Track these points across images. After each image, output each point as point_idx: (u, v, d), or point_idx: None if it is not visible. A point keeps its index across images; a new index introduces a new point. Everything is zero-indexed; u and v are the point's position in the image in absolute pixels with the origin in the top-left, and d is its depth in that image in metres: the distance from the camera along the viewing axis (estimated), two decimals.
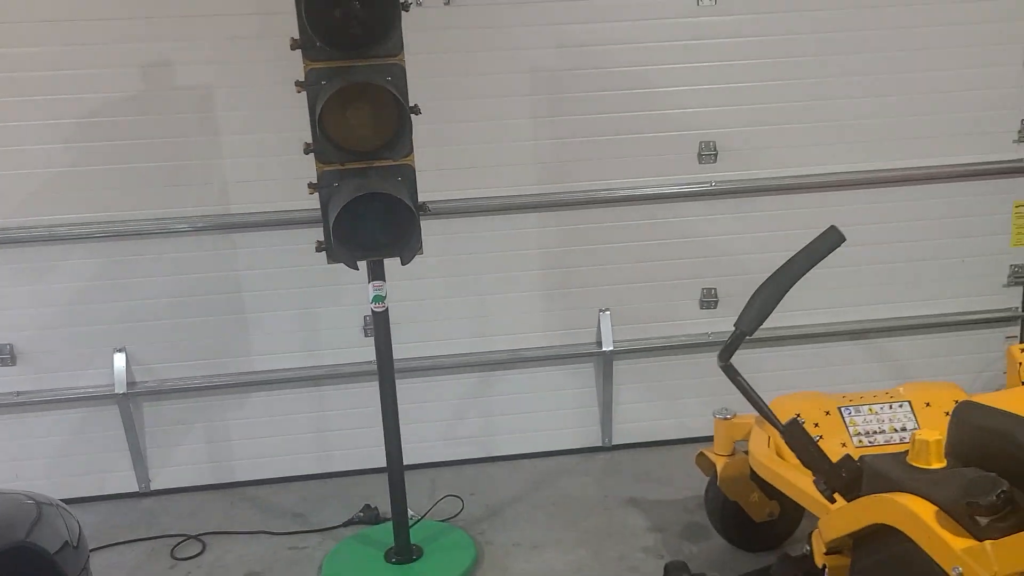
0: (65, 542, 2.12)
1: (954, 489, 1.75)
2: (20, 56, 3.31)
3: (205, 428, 3.74)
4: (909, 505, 1.80)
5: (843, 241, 2.34)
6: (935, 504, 1.78)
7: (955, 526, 1.72)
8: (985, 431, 1.88)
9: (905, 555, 1.83)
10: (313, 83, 2.68)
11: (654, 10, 3.58)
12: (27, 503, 2.14)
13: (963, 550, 1.65)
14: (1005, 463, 1.79)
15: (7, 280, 3.48)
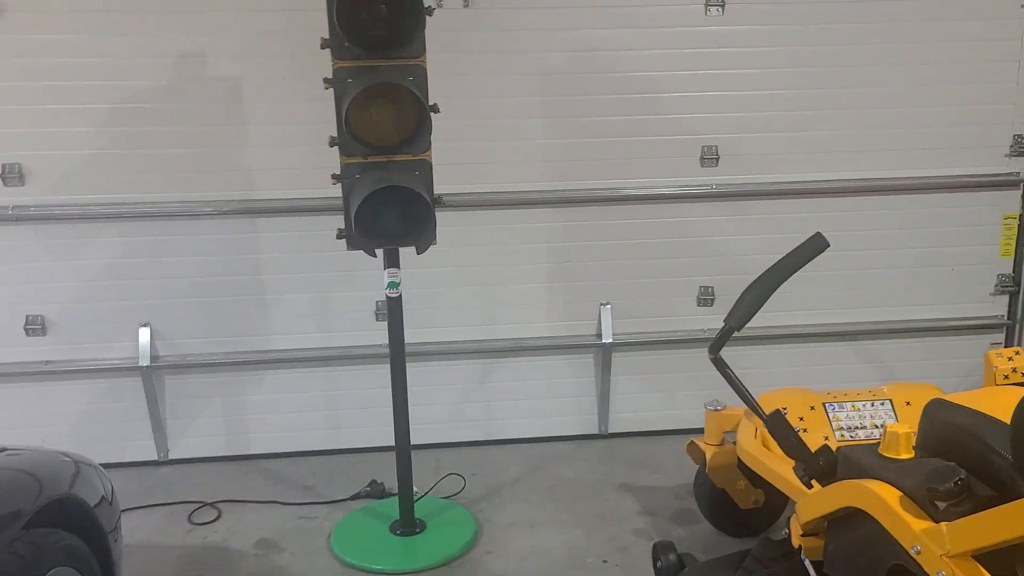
0: (102, 497, 2.30)
1: (918, 477, 1.92)
2: (61, 43, 3.49)
3: (223, 402, 3.92)
4: (877, 490, 1.98)
5: (827, 247, 2.51)
6: (900, 490, 1.96)
7: (917, 510, 1.90)
8: (950, 426, 2.06)
9: (872, 536, 2.01)
10: (340, 81, 2.85)
11: (663, 19, 3.75)
12: (65, 460, 2.30)
13: (922, 531, 1.83)
14: (966, 456, 1.96)
15: (41, 255, 3.66)
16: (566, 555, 3.18)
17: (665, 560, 2.80)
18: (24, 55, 3.47)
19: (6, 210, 3.58)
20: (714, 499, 3.22)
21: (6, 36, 3.44)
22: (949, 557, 1.76)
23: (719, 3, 3.74)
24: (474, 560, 3.16)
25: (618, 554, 3.19)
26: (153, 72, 3.55)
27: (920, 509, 1.89)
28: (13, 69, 3.48)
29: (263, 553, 3.23)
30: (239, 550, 3.26)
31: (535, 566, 3.11)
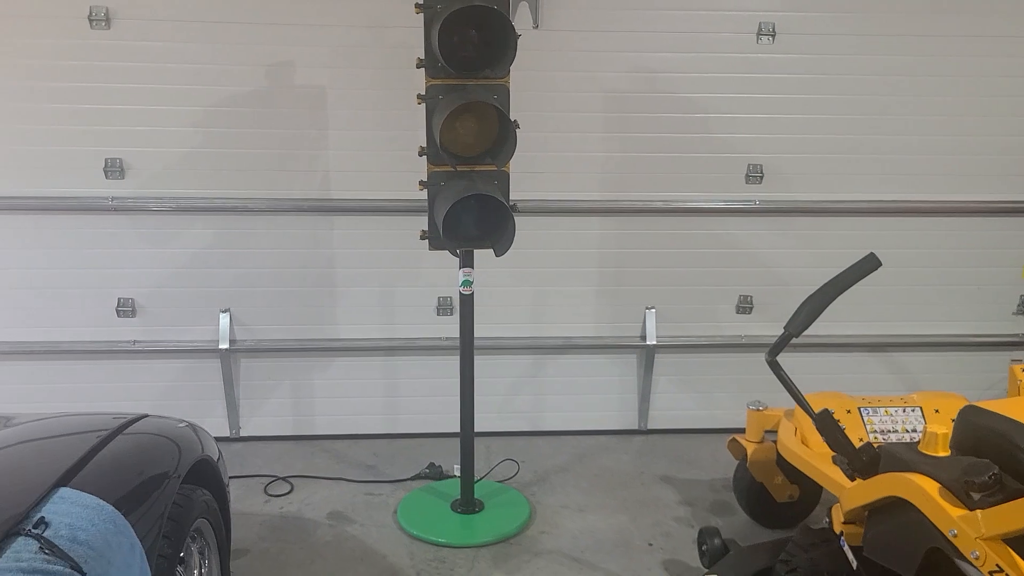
0: (220, 454, 2.59)
1: (955, 471, 2.20)
2: (164, 50, 3.78)
3: (292, 385, 4.21)
4: (918, 482, 2.25)
5: (879, 266, 2.79)
6: (939, 482, 2.23)
7: (954, 499, 2.17)
8: (984, 429, 2.33)
9: (912, 522, 2.28)
10: (432, 97, 3.13)
11: (717, 45, 4.02)
12: (181, 425, 2.54)
13: (959, 517, 2.10)
14: (998, 455, 2.23)
15: (135, 242, 3.96)
16: (614, 537, 3.46)
17: (710, 544, 3.07)
18: (130, 60, 3.77)
19: (106, 201, 3.88)
20: (752, 492, 3.49)
21: (116, 42, 3.74)
22: (983, 540, 2.03)
23: (770, 33, 4.01)
24: (530, 538, 3.45)
25: (662, 538, 3.46)
26: (246, 78, 3.84)
27: (957, 499, 2.16)
28: (120, 72, 3.77)
29: (336, 524, 3.52)
30: (313, 520, 3.55)
31: (586, 545, 3.39)
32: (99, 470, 1.97)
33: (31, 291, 3.97)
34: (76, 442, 2.06)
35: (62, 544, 1.66)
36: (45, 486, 1.82)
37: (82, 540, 1.70)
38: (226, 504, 2.58)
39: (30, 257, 3.93)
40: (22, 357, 4.03)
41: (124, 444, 2.15)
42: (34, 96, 3.77)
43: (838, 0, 3.99)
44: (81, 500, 1.81)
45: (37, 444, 2.12)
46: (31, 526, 1.68)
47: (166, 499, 2.09)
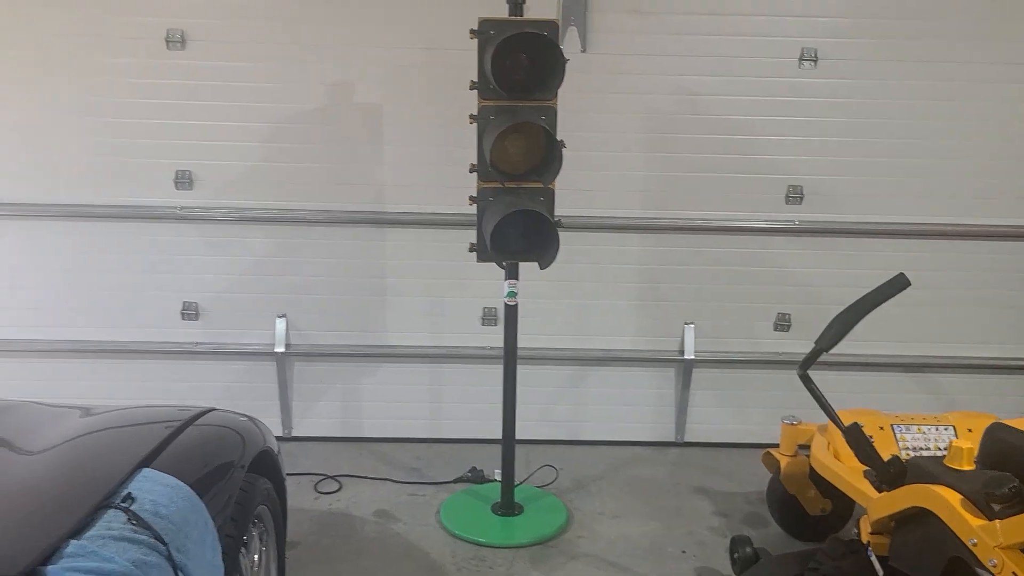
0: (279, 447, 2.77)
1: (977, 483, 2.30)
2: (233, 69, 4.02)
3: (342, 389, 4.41)
4: (942, 493, 2.35)
5: (908, 285, 2.89)
6: (962, 494, 2.33)
7: (975, 510, 2.27)
8: (1007, 445, 2.42)
9: (935, 532, 2.38)
10: (483, 117, 3.31)
11: (759, 69, 4.14)
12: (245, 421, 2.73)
13: (979, 526, 2.20)
14: (1020, 470, 2.32)
15: (200, 249, 4.19)
16: (648, 544, 3.58)
17: (742, 552, 3.18)
18: (202, 79, 4.01)
19: (175, 210, 4.13)
20: (785, 504, 3.58)
21: (189, 62, 4.00)
22: (1001, 548, 2.13)
23: (812, 58, 4.12)
24: (567, 542, 3.58)
25: (695, 547, 3.57)
26: (309, 96, 4.06)
27: (978, 510, 2.26)
28: (193, 90, 4.02)
29: (382, 521, 3.69)
30: (360, 517, 3.72)
31: (621, 550, 3.51)
32: (175, 455, 2.16)
33: (105, 293, 4.23)
34: (154, 430, 2.26)
35: (146, 517, 1.85)
36: (130, 466, 2.01)
37: (163, 514, 1.89)
38: (284, 494, 2.76)
39: (105, 261, 4.19)
40: (95, 355, 4.28)
41: (196, 433, 2.33)
42: (112, 111, 4.04)
43: (880, 27, 4.09)
44: (162, 480, 2.00)
45: (120, 431, 2.31)
46: (120, 500, 1.87)
47: (233, 485, 2.27)
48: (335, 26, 4.00)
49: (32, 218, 4.14)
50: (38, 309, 4.23)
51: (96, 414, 2.41)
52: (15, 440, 2.18)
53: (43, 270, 4.19)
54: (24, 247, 4.17)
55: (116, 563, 1.68)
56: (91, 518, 1.80)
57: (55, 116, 4.04)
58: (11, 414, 2.38)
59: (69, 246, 4.17)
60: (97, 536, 1.74)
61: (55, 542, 1.68)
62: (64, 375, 4.27)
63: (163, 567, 1.79)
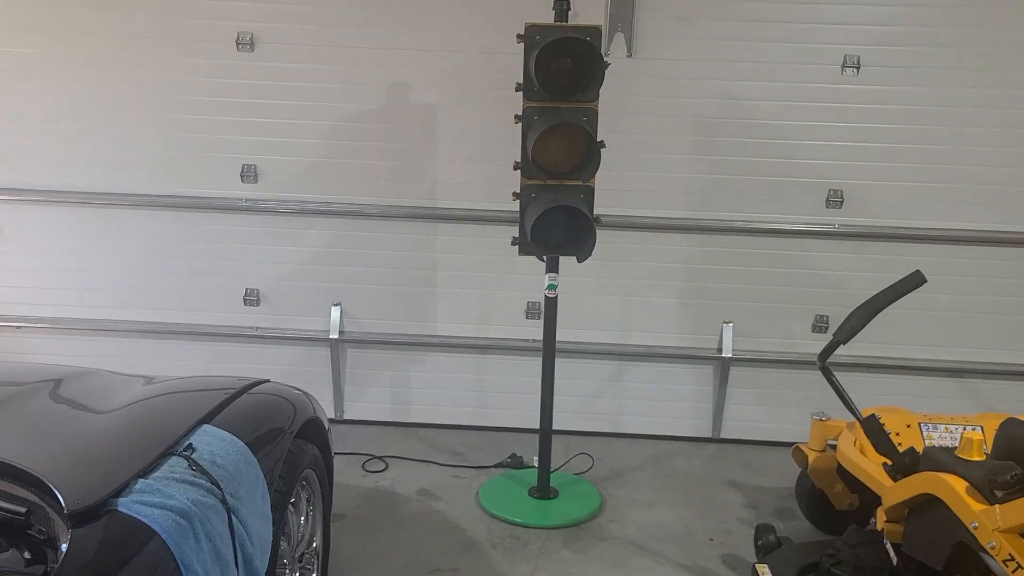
0: (330, 424, 3.00)
1: (983, 471, 2.40)
2: (298, 70, 4.29)
3: (392, 375, 4.64)
4: (948, 480, 2.46)
5: (924, 283, 2.98)
6: (968, 481, 2.43)
7: (979, 496, 2.37)
8: (1016, 437, 2.51)
9: (942, 518, 2.48)
10: (527, 118, 3.49)
11: (801, 75, 4.24)
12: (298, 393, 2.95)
13: (980, 511, 2.30)
14: None
15: (263, 240, 4.47)
16: (678, 530, 3.71)
17: (765, 539, 3.31)
18: (269, 79, 4.30)
19: (241, 201, 4.42)
20: (813, 498, 3.67)
21: (258, 63, 4.28)
22: (1000, 532, 2.22)
23: (855, 65, 4.21)
24: (599, 525, 3.73)
25: (723, 535, 3.69)
26: (368, 97, 4.31)
27: (982, 496, 2.36)
28: (260, 89, 4.31)
29: (424, 499, 3.90)
30: (404, 495, 3.93)
31: (651, 535, 3.66)
32: (232, 416, 2.39)
33: (174, 278, 4.54)
34: (214, 394, 2.50)
35: (204, 464, 2.08)
36: (192, 422, 2.25)
37: (220, 464, 2.12)
38: (330, 461, 2.99)
39: (175, 248, 4.50)
40: (161, 336, 4.60)
41: (251, 399, 2.57)
42: (186, 108, 4.34)
43: (922, 36, 4.16)
44: (219, 435, 2.23)
45: (184, 394, 2.56)
46: (182, 449, 2.11)
47: (283, 446, 2.50)
48: (394, 31, 4.24)
49: (114, 207, 4.47)
50: (115, 291, 4.56)
51: (164, 381, 2.66)
52: (95, 399, 2.45)
53: (121, 255, 4.52)
54: (104, 233, 4.50)
55: (177, 500, 1.91)
56: (157, 463, 2.04)
57: (135, 112, 4.37)
58: (91, 378, 2.65)
59: (145, 233, 4.49)
60: (162, 477, 1.98)
61: (126, 480, 1.92)
62: (136, 353, 4.58)
63: (218, 508, 2.01)
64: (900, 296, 2.99)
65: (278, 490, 2.41)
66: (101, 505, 1.80)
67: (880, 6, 4.16)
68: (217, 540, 1.97)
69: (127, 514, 1.81)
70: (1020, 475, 2.28)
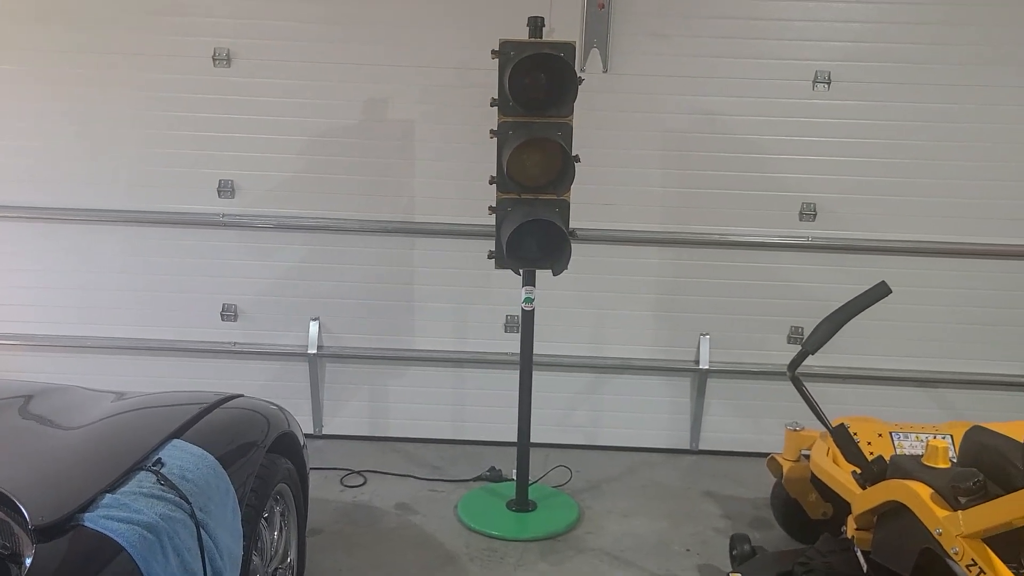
0: (306, 441, 3.00)
1: (946, 478, 2.43)
2: (275, 86, 4.32)
3: (370, 390, 4.64)
4: (914, 487, 2.48)
5: (890, 293, 3.04)
6: (932, 488, 2.46)
7: (943, 503, 2.40)
8: (981, 445, 2.55)
9: (908, 525, 2.51)
10: (503, 132, 3.53)
11: (774, 91, 4.30)
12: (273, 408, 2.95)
13: (944, 517, 2.33)
14: (991, 468, 2.45)
15: (240, 254, 4.48)
16: (654, 541, 3.73)
17: (740, 549, 3.33)
18: (246, 94, 4.32)
19: (218, 216, 4.43)
20: (788, 508, 3.69)
21: (235, 79, 4.31)
22: (963, 537, 2.26)
23: (826, 80, 4.28)
24: (576, 537, 3.74)
25: (699, 545, 3.71)
26: (345, 112, 4.34)
27: (946, 502, 2.39)
28: (237, 105, 4.32)
29: (402, 513, 3.90)
30: (382, 509, 3.93)
31: (628, 545, 3.67)
32: (203, 430, 2.39)
33: (151, 293, 4.53)
34: (186, 409, 2.50)
35: (173, 479, 2.08)
36: (162, 437, 2.25)
37: (189, 478, 2.12)
38: (305, 475, 2.99)
39: (152, 264, 4.50)
40: (138, 353, 4.58)
41: (223, 414, 2.57)
42: (163, 124, 4.36)
43: (892, 52, 4.24)
44: (189, 449, 2.24)
45: (154, 410, 2.56)
46: (151, 464, 2.11)
47: (255, 460, 2.50)
48: (371, 47, 4.28)
49: (90, 223, 4.46)
50: (90, 308, 4.55)
51: (135, 396, 2.66)
52: (64, 415, 2.44)
53: (97, 271, 4.51)
54: (80, 250, 4.49)
55: (144, 514, 1.92)
56: (125, 478, 2.04)
57: (111, 128, 4.37)
58: (62, 395, 2.65)
59: (120, 250, 4.49)
60: (129, 492, 1.98)
61: (93, 495, 1.92)
62: (111, 370, 4.56)
63: (186, 522, 2.02)
64: (866, 307, 3.03)
65: (250, 504, 2.41)
66: (67, 520, 1.80)
67: (849, 23, 4.24)
68: (186, 554, 1.97)
69: (93, 529, 1.81)
70: (982, 481, 2.31)
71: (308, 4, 4.25)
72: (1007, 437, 2.52)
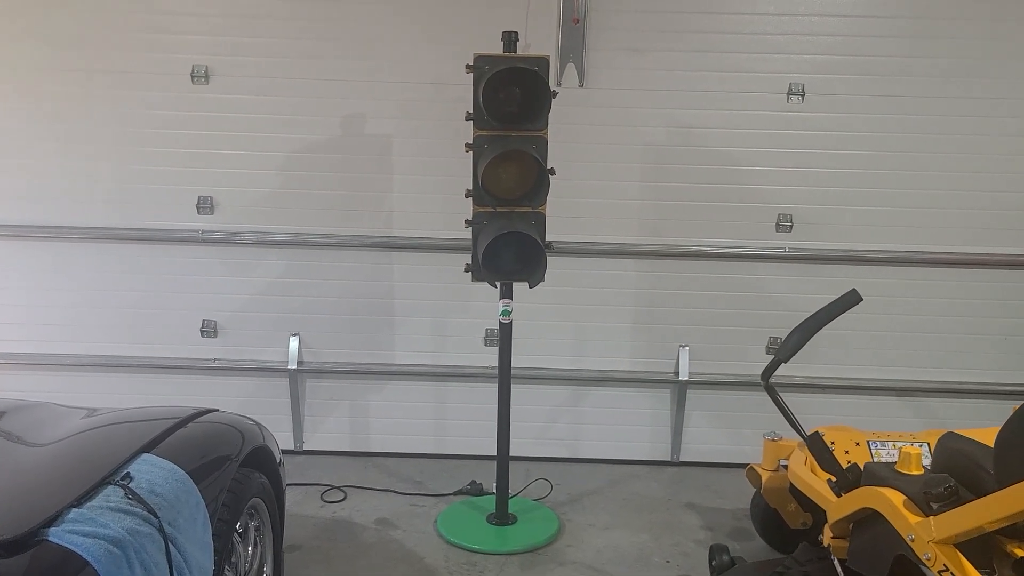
0: (281, 459, 2.99)
1: (920, 485, 2.44)
2: (253, 102, 4.32)
3: (350, 405, 4.63)
4: (887, 494, 2.50)
5: (860, 301, 3.06)
6: (905, 495, 2.47)
7: (916, 509, 2.41)
8: (954, 451, 2.56)
9: (882, 532, 2.52)
10: (478, 146, 3.54)
11: (749, 103, 4.34)
12: (249, 422, 2.94)
13: (916, 523, 2.34)
14: (963, 474, 2.46)
15: (219, 271, 4.47)
16: (635, 553, 3.72)
17: (719, 559, 3.33)
18: (225, 111, 4.32)
19: (197, 233, 4.42)
20: (767, 518, 3.70)
21: (212, 95, 4.31)
22: (935, 543, 2.27)
23: (800, 92, 4.32)
24: (557, 550, 3.73)
25: (679, 557, 3.71)
26: (323, 128, 4.35)
27: (919, 508, 2.40)
28: (215, 121, 4.33)
29: (382, 528, 3.88)
30: (361, 524, 3.91)
31: (608, 559, 3.66)
32: (175, 445, 2.38)
33: (130, 311, 4.51)
34: (158, 424, 2.48)
35: (141, 493, 2.07)
36: (132, 451, 2.24)
37: (158, 492, 2.11)
38: (281, 490, 2.97)
39: (131, 281, 4.48)
40: (117, 370, 4.56)
41: (196, 428, 2.56)
42: (141, 141, 4.36)
43: (865, 64, 4.29)
44: (159, 463, 2.22)
45: (127, 424, 2.55)
46: (119, 478, 2.10)
47: (227, 475, 2.49)
48: (348, 63, 4.30)
49: (68, 240, 4.45)
50: (69, 325, 4.52)
51: (108, 412, 2.65)
52: (34, 431, 2.43)
53: (75, 289, 4.49)
54: (58, 267, 4.48)
55: (111, 529, 1.90)
56: (93, 492, 2.02)
57: (90, 145, 4.37)
58: (33, 411, 2.64)
59: (99, 266, 4.47)
60: (96, 506, 1.97)
61: (59, 510, 1.90)
62: (90, 388, 4.54)
63: (154, 537, 2.00)
64: (837, 315, 3.06)
65: (222, 519, 2.39)
66: (31, 535, 1.79)
67: (822, 36, 4.29)
68: (153, 569, 1.96)
69: (58, 544, 1.80)
70: (953, 487, 2.32)
71: (286, 21, 4.27)
72: (979, 443, 2.54)
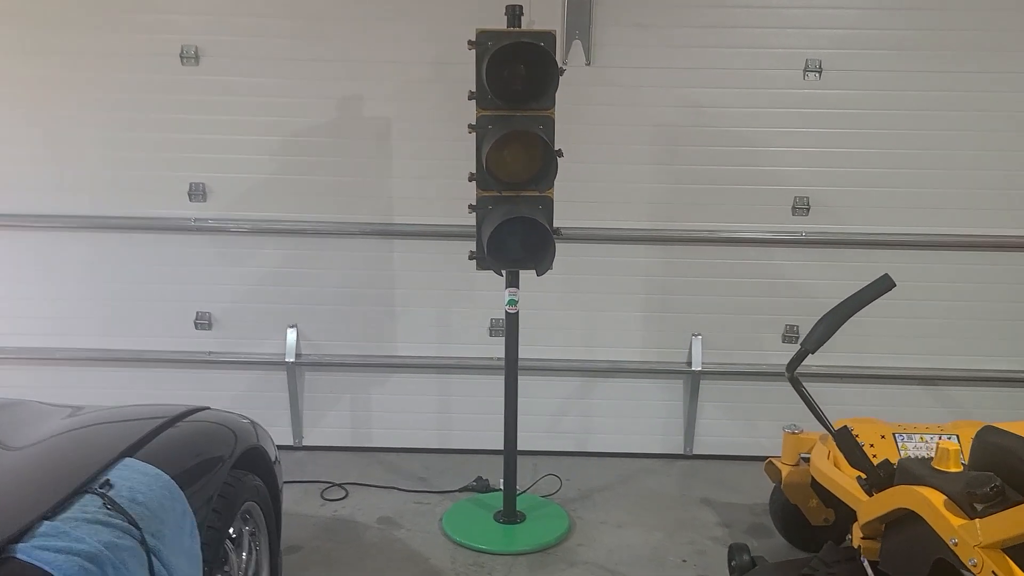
0: (277, 456, 2.82)
1: (960, 483, 2.27)
2: (246, 84, 4.15)
3: (351, 399, 4.47)
4: (926, 494, 2.33)
5: (894, 286, 2.88)
6: (945, 495, 2.30)
7: (958, 510, 2.24)
8: (996, 446, 2.38)
9: (920, 534, 2.35)
10: (482, 127, 3.36)
11: (764, 81, 4.16)
12: (244, 421, 2.79)
13: (960, 526, 2.17)
14: (1007, 471, 2.28)
15: (214, 261, 4.30)
16: (649, 552, 3.56)
17: (739, 559, 3.16)
18: (216, 94, 4.14)
19: (189, 221, 4.25)
20: (787, 514, 3.55)
21: (204, 77, 4.13)
22: (981, 548, 2.10)
23: (816, 69, 4.13)
24: (567, 549, 3.57)
25: (696, 556, 3.54)
26: (319, 111, 4.17)
27: (961, 510, 2.23)
28: (206, 105, 4.15)
29: (385, 528, 3.72)
30: (364, 523, 3.76)
31: (621, 558, 3.50)
32: (161, 447, 2.21)
33: (121, 302, 4.35)
34: (143, 424, 2.32)
35: (122, 502, 1.90)
36: (113, 455, 2.07)
37: (140, 501, 1.94)
38: (277, 492, 2.81)
39: (121, 271, 4.32)
40: (107, 364, 4.39)
41: (183, 429, 2.39)
42: (129, 126, 4.18)
43: (883, 39, 4.10)
44: (142, 469, 2.06)
45: (110, 425, 2.38)
46: (98, 486, 1.93)
47: (218, 478, 2.32)
48: (345, 43, 4.11)
49: (55, 229, 4.28)
50: (56, 318, 4.36)
51: (92, 411, 2.48)
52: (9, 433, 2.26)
53: (64, 280, 4.33)
54: (46, 257, 4.31)
55: (86, 543, 1.73)
56: (68, 502, 1.86)
57: (77, 132, 4.19)
58: (9, 411, 2.47)
59: (88, 256, 4.31)
60: (71, 518, 1.80)
61: (29, 523, 1.74)
62: (81, 382, 4.38)
63: (135, 550, 1.84)
64: (869, 302, 2.88)
65: (212, 526, 2.23)
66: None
67: (840, 9, 4.10)
68: None
69: (26, 561, 1.63)
70: (1000, 487, 2.15)
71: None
72: (1020, 437, 2.36)
